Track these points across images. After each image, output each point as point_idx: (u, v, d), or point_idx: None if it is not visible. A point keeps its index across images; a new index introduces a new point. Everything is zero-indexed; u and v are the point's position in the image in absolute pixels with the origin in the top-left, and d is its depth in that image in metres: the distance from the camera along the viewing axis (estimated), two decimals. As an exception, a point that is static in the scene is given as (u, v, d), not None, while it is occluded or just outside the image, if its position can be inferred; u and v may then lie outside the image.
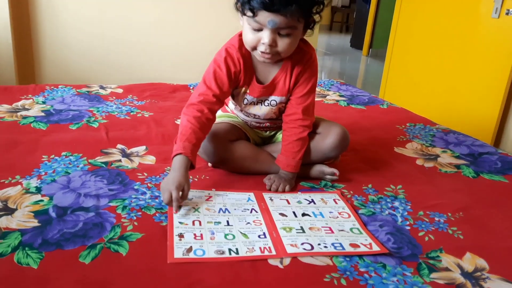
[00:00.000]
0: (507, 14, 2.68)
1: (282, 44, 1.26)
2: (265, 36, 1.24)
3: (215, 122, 1.42)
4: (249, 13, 1.22)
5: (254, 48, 1.29)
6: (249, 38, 1.28)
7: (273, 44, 1.25)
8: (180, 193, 1.19)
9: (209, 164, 1.46)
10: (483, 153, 1.75)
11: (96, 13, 3.06)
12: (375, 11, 6.56)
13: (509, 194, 1.44)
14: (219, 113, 1.57)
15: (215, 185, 1.34)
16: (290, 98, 1.43)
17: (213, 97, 1.34)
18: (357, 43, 7.26)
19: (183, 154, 1.24)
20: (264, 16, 1.20)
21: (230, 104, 1.53)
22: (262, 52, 1.28)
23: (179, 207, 1.19)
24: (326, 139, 1.42)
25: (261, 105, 1.45)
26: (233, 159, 1.40)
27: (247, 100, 1.44)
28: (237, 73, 1.37)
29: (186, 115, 1.32)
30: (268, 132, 1.55)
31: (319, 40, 7.70)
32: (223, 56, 1.36)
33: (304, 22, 1.28)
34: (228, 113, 1.56)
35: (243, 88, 1.41)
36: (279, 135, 1.54)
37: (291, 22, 1.22)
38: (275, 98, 1.43)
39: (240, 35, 1.36)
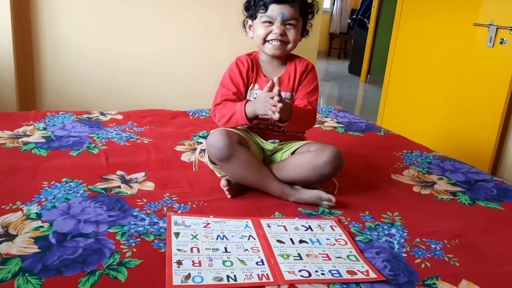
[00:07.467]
0: (501, 43, 2.73)
1: (290, 34, 1.54)
2: (276, 28, 1.53)
3: (225, 128, 1.51)
4: (262, 10, 1.51)
5: (265, 41, 1.55)
6: (260, 32, 1.55)
7: (283, 34, 1.53)
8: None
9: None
10: (479, 180, 1.77)
11: (97, 40, 3.10)
12: (373, 38, 6.63)
13: (504, 221, 1.46)
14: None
15: (213, 212, 1.35)
16: (295, 97, 1.61)
17: (233, 95, 1.58)
18: (355, 69, 7.31)
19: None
20: (275, 10, 1.51)
21: None
22: (272, 40, 1.54)
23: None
24: (321, 155, 1.46)
25: None
26: (238, 161, 1.44)
27: (256, 95, 1.59)
28: (248, 70, 1.61)
29: (218, 107, 1.56)
30: (273, 146, 1.58)
31: (318, 66, 7.77)
32: (234, 63, 1.62)
33: (302, 24, 1.58)
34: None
35: (252, 84, 1.61)
36: (278, 155, 1.58)
37: (296, 14, 1.53)
38: (281, 93, 1.48)
39: (247, 56, 1.63)
